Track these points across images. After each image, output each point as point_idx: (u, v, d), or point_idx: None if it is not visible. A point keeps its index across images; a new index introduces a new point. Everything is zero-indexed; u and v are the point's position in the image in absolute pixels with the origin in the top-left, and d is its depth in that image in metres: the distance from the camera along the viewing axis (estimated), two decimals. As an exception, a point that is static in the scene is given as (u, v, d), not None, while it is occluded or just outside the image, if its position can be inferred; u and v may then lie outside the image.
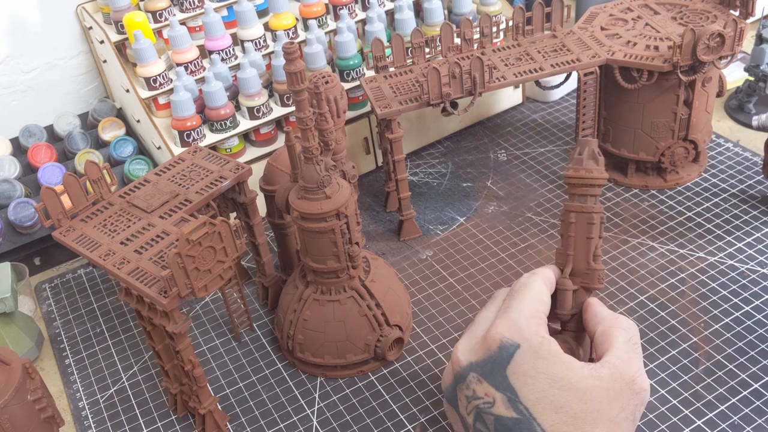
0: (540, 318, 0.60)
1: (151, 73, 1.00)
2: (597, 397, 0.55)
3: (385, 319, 0.79)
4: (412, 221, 0.98)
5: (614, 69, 0.91)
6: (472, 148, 1.14)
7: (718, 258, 0.89)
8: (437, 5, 1.07)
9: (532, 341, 0.57)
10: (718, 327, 0.80)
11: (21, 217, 0.97)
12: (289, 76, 0.68)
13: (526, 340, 0.57)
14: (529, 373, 0.56)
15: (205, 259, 0.66)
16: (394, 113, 0.89)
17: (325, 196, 0.72)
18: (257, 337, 0.88)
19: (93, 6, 1.12)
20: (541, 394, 0.55)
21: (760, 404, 0.72)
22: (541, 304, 0.61)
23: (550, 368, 0.56)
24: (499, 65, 0.94)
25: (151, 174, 0.82)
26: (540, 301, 0.61)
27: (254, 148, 1.03)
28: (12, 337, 0.87)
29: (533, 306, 0.60)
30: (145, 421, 0.80)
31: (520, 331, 0.58)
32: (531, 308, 0.60)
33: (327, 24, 1.09)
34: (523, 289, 0.62)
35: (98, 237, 0.74)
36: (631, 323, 0.61)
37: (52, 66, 1.17)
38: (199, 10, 1.06)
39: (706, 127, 0.98)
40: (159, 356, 0.75)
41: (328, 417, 0.77)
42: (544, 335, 0.58)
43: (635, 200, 0.99)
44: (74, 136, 1.10)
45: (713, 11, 0.94)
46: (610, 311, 0.62)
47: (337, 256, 0.75)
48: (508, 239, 0.96)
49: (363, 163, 1.10)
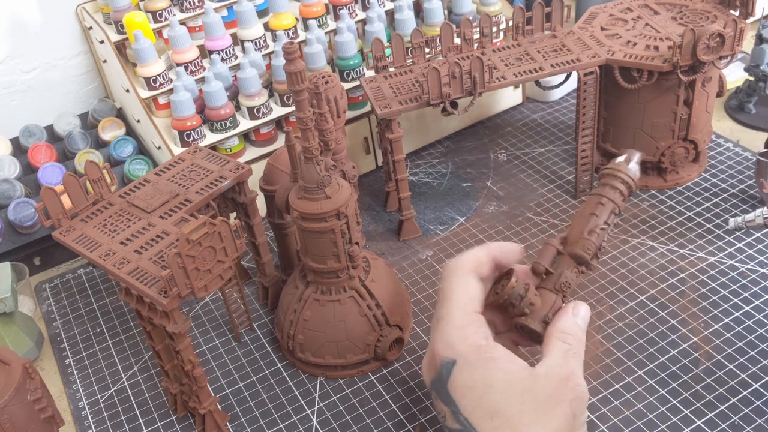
0: (472, 321, 0.59)
1: (151, 73, 1.00)
2: (533, 396, 0.56)
3: (385, 319, 0.79)
4: (412, 221, 0.98)
5: (614, 69, 0.91)
6: (472, 148, 1.14)
7: (718, 258, 0.89)
8: (437, 5, 1.07)
9: (467, 355, 0.58)
10: (718, 327, 0.80)
11: (21, 217, 0.97)
12: (289, 76, 0.68)
13: (460, 355, 0.58)
14: (467, 384, 0.57)
15: (205, 259, 0.66)
16: (394, 113, 0.89)
17: (325, 196, 0.72)
18: (257, 337, 0.88)
19: (93, 6, 1.12)
20: (477, 403, 0.56)
21: (760, 404, 0.72)
22: (469, 304, 0.60)
23: (486, 375, 0.57)
24: (499, 65, 0.94)
25: (151, 174, 0.82)
26: (468, 301, 0.60)
27: (254, 148, 1.03)
28: (12, 337, 0.87)
29: (462, 311, 0.60)
30: (145, 421, 0.80)
31: (453, 347, 0.59)
32: (460, 316, 0.60)
33: (327, 24, 1.09)
34: (448, 295, 0.61)
35: (98, 237, 0.74)
36: (577, 341, 0.59)
37: (52, 66, 1.17)
38: (199, 10, 1.06)
39: (706, 127, 0.98)
40: (159, 356, 0.75)
41: (328, 417, 0.77)
42: (479, 343, 0.58)
43: (635, 200, 0.99)
44: (74, 136, 1.10)
45: (713, 11, 0.94)
46: (573, 324, 0.60)
47: (337, 256, 0.75)
48: (508, 239, 0.96)
49: (363, 163, 1.10)
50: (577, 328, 0.60)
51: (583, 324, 0.61)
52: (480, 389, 0.56)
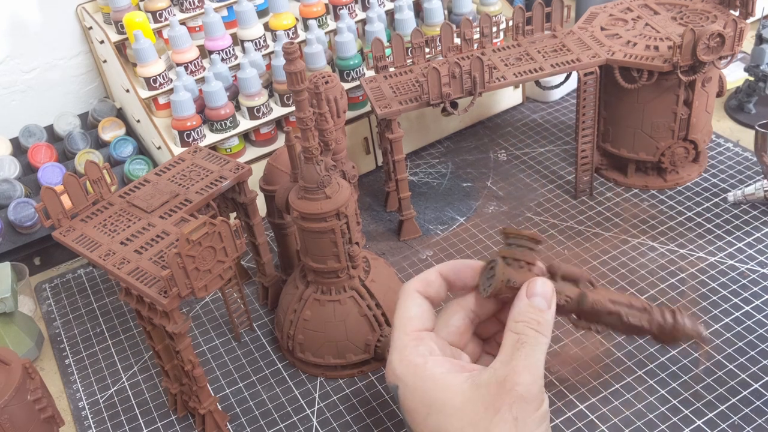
0: (409, 341, 0.57)
1: (151, 73, 1.00)
2: (472, 408, 0.53)
3: (385, 319, 0.79)
4: (412, 221, 0.98)
5: (614, 69, 0.91)
6: (472, 148, 1.14)
7: (718, 258, 0.89)
8: (437, 5, 1.07)
9: (405, 377, 0.56)
10: (718, 327, 0.80)
11: (21, 217, 0.97)
12: (289, 76, 0.68)
13: (399, 379, 0.56)
14: (411, 408, 0.56)
15: (205, 259, 0.66)
16: (394, 113, 0.89)
17: (325, 196, 0.72)
18: (257, 337, 0.88)
19: (93, 6, 1.12)
20: (424, 425, 0.55)
21: (760, 404, 0.72)
22: (408, 324, 0.58)
23: (426, 396, 0.55)
24: (499, 65, 0.94)
25: (151, 174, 0.82)
26: (406, 322, 0.58)
27: (254, 148, 1.03)
28: (12, 337, 0.87)
29: (401, 332, 0.58)
30: (145, 421, 0.80)
31: (394, 371, 0.57)
32: (399, 337, 0.58)
33: (327, 24, 1.09)
34: (396, 317, 0.60)
35: (98, 237, 0.74)
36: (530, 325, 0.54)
37: (52, 66, 1.17)
38: (199, 10, 1.06)
39: (706, 127, 0.98)
40: (159, 356, 0.75)
41: (328, 417, 0.77)
42: (416, 362, 0.56)
43: (635, 200, 0.99)
44: (74, 136, 1.10)
45: (713, 11, 0.94)
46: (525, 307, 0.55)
47: (337, 256, 0.75)
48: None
49: (363, 163, 1.10)
50: (530, 310, 0.54)
51: (542, 302, 0.55)
52: (422, 411, 0.55)
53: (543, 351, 0.54)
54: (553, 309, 0.56)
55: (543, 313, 0.55)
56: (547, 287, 0.56)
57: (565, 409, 0.74)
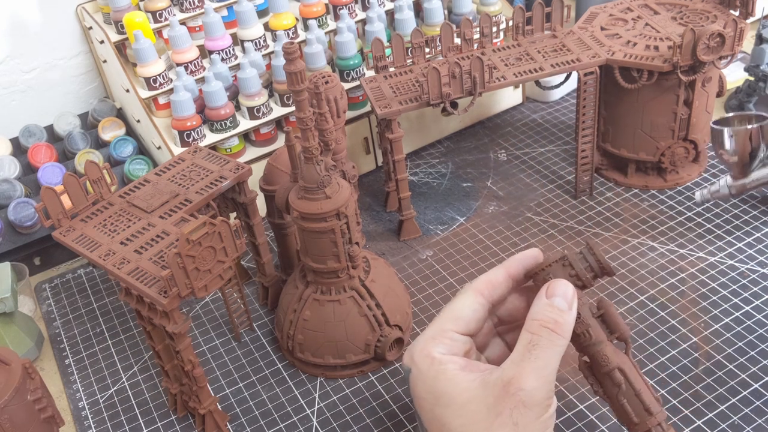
0: (438, 336, 0.59)
1: (151, 73, 1.00)
2: (476, 407, 0.54)
3: (385, 319, 0.79)
4: (412, 221, 0.98)
5: (614, 69, 0.91)
6: (472, 148, 1.14)
7: (718, 258, 0.89)
8: (437, 5, 1.07)
9: (420, 365, 0.58)
10: (718, 327, 0.80)
11: (21, 217, 0.97)
12: (289, 76, 0.68)
13: (414, 364, 0.58)
14: (420, 395, 0.57)
15: (205, 259, 0.66)
16: (394, 113, 0.89)
17: (325, 196, 0.72)
18: (257, 337, 0.88)
19: (93, 6, 1.12)
20: (431, 414, 0.56)
21: (760, 404, 0.72)
22: (448, 322, 0.59)
23: (435, 387, 0.56)
24: (499, 65, 0.94)
25: (151, 174, 0.82)
26: (448, 319, 0.59)
27: (254, 148, 1.03)
28: (12, 337, 0.87)
29: (438, 326, 0.59)
30: (145, 421, 0.80)
31: (411, 356, 0.59)
32: (434, 329, 0.59)
33: (327, 24, 1.09)
34: (446, 307, 0.61)
35: (98, 237, 0.74)
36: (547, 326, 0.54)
37: (52, 66, 1.17)
38: (199, 10, 1.06)
39: (706, 127, 0.98)
40: (159, 356, 0.75)
41: (328, 417, 0.77)
42: (433, 355, 0.57)
43: (635, 200, 0.99)
44: (74, 136, 1.10)
45: (713, 11, 0.94)
46: (544, 307, 0.55)
47: (337, 256, 0.75)
48: (508, 239, 0.96)
49: (363, 163, 1.10)
50: (549, 309, 0.54)
51: (563, 303, 0.54)
52: (430, 401, 0.56)
53: (557, 354, 0.54)
54: (574, 312, 0.55)
55: (563, 314, 0.54)
56: (568, 289, 0.55)
57: (565, 409, 0.74)
